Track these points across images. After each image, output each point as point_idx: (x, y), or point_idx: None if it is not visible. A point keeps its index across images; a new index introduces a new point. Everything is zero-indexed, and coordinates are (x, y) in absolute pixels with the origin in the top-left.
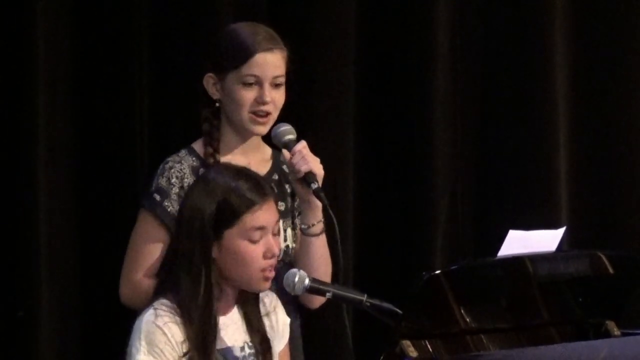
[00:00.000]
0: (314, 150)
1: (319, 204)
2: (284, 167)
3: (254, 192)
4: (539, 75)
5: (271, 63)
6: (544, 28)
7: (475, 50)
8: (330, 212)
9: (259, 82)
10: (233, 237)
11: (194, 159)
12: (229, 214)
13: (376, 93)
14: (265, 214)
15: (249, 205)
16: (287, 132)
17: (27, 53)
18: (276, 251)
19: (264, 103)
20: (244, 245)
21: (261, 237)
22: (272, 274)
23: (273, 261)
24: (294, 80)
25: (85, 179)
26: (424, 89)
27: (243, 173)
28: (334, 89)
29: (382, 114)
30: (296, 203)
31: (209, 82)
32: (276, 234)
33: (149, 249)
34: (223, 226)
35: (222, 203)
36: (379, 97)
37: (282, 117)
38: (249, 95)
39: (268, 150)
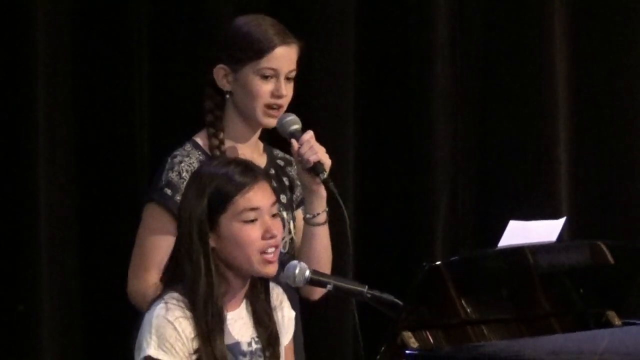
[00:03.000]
0: None
1: (324, 194)
2: (279, 161)
3: (243, 175)
4: (539, 66)
5: (289, 57)
6: (544, 19)
7: (474, 42)
8: (340, 201)
9: (276, 76)
10: (228, 222)
11: (199, 152)
12: (221, 199)
13: (376, 85)
14: (257, 195)
15: (240, 187)
16: (293, 122)
17: (26, 48)
18: (275, 232)
19: (280, 97)
20: (239, 228)
21: (256, 218)
22: (273, 257)
23: (273, 242)
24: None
25: (85, 173)
26: (423, 81)
27: (232, 160)
28: (333, 82)
29: (382, 106)
30: (294, 195)
31: (220, 73)
32: (276, 214)
33: (162, 243)
34: (217, 213)
35: (214, 190)
36: (379, 89)
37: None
38: (265, 87)
39: (260, 144)
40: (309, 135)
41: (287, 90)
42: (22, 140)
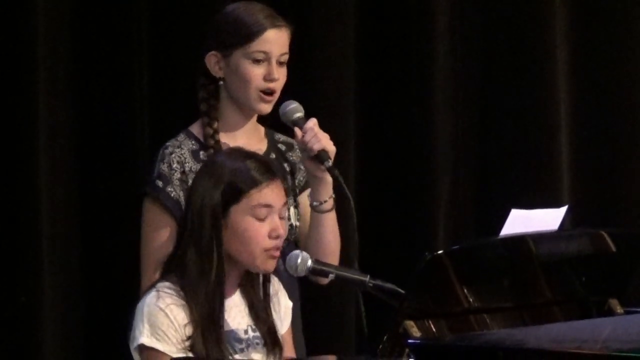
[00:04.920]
0: None
1: (330, 180)
2: (280, 145)
3: (262, 172)
4: (539, 55)
5: (279, 40)
6: (544, 7)
7: (475, 31)
8: (346, 188)
9: (267, 59)
10: (239, 213)
11: (193, 142)
12: (237, 190)
13: (376, 75)
14: (272, 193)
15: (257, 182)
16: (296, 109)
17: (26, 37)
18: (282, 232)
19: (272, 80)
20: (249, 222)
21: (267, 216)
22: (277, 254)
23: (278, 242)
24: (294, 62)
25: (85, 164)
26: (424, 71)
27: (249, 155)
28: (333, 72)
29: (382, 96)
30: (296, 180)
31: (212, 60)
32: (283, 217)
33: (159, 237)
34: (230, 203)
35: (230, 182)
36: (379, 79)
37: (283, 100)
38: (257, 71)
39: (261, 129)
40: (312, 122)
41: (280, 75)
42: (22, 129)
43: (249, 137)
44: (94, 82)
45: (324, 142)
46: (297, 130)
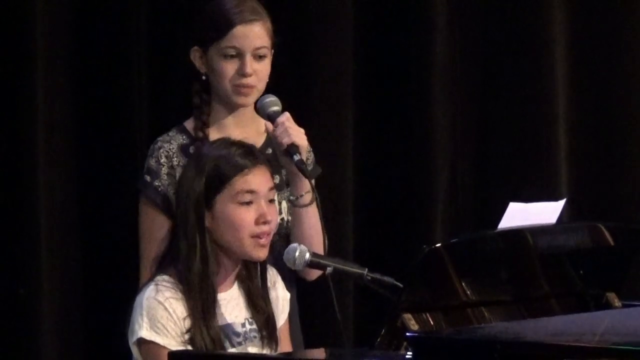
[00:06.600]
0: (313, 127)
1: None
2: None
3: (244, 158)
4: (538, 48)
5: (252, 35)
6: (543, 0)
7: (474, 24)
8: (311, 183)
9: (240, 54)
10: (224, 201)
11: (184, 137)
12: (219, 179)
13: (375, 68)
14: (255, 179)
15: (239, 169)
16: (272, 103)
17: (25, 30)
18: (269, 218)
19: (245, 75)
20: (234, 209)
21: (252, 201)
22: (266, 242)
23: (266, 228)
24: (292, 56)
25: (84, 156)
26: (422, 63)
27: (234, 143)
28: (331, 66)
29: (380, 89)
30: None
31: (196, 55)
32: (271, 201)
33: (151, 232)
34: (214, 192)
35: (213, 170)
36: (378, 72)
37: (281, 98)
38: (230, 67)
39: (262, 123)
40: (285, 117)
41: (256, 68)
42: (21, 122)
43: (244, 131)
44: (92, 77)
45: (294, 136)
46: (267, 123)
